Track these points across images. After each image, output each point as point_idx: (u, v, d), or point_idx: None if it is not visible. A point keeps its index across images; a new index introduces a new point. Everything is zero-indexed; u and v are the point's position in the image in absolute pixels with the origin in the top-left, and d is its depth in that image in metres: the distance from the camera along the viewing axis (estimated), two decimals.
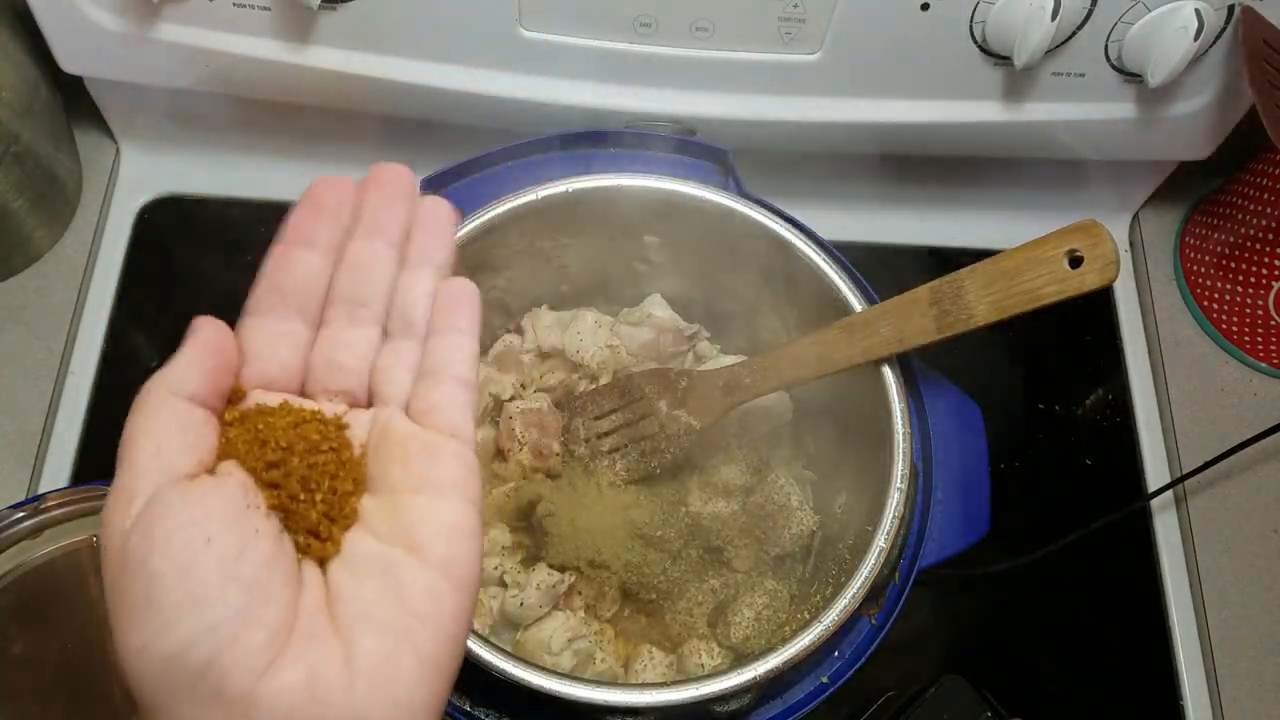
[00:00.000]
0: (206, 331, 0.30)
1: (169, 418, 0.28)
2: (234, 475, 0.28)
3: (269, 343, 0.32)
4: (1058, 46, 0.55)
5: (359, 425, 0.31)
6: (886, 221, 0.71)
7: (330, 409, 0.32)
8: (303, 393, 0.32)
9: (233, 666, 0.25)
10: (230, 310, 0.72)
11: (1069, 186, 0.71)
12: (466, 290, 0.33)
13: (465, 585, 0.29)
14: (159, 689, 0.25)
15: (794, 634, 0.43)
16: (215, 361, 0.30)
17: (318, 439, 0.30)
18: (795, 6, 0.53)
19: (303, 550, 0.29)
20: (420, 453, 0.30)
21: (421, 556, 0.28)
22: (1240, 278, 0.66)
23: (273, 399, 0.31)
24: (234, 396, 0.31)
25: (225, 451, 0.29)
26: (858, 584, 0.44)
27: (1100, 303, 0.71)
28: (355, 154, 0.68)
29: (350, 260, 0.33)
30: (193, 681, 0.25)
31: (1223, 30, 0.54)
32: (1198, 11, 0.51)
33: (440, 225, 0.34)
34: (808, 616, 0.45)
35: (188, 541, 0.26)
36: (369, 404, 0.32)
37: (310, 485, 0.30)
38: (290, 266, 0.32)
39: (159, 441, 0.28)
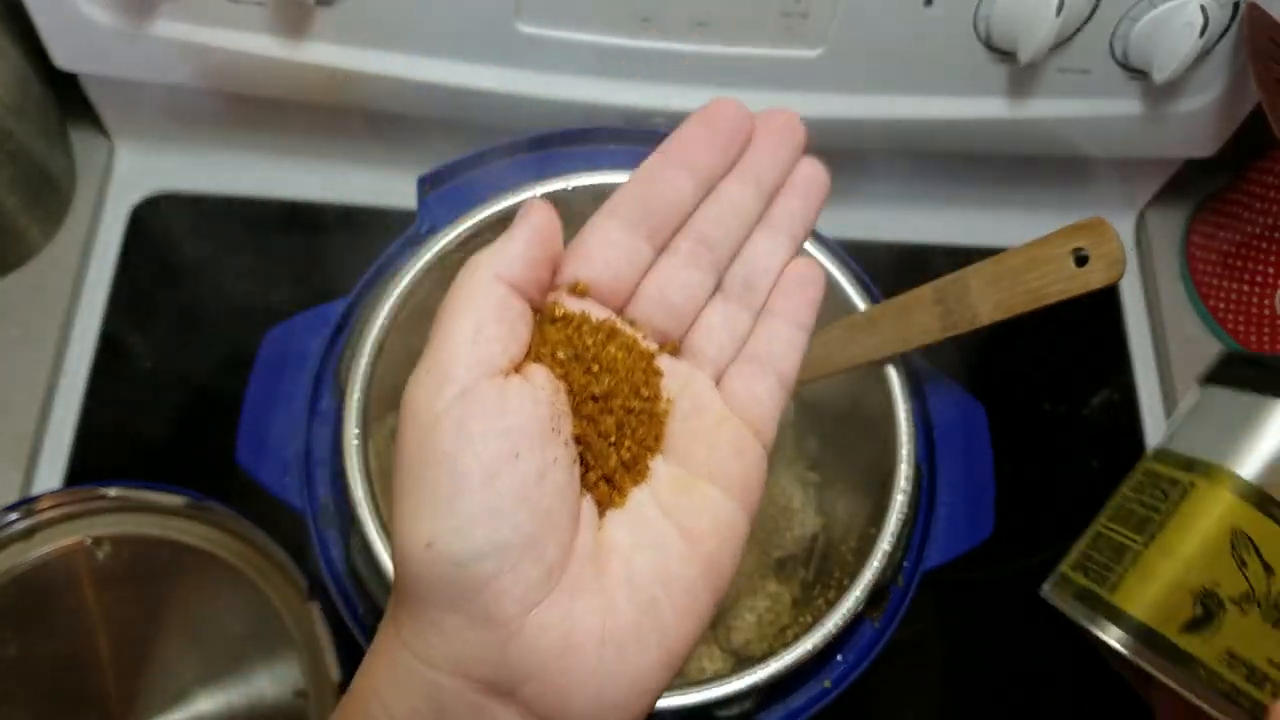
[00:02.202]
0: (537, 216, 0.29)
1: (489, 303, 0.27)
2: (545, 390, 0.27)
3: (612, 249, 0.30)
4: (1062, 43, 0.54)
5: (670, 375, 0.30)
6: (889, 219, 0.71)
7: (644, 343, 0.30)
8: (621, 313, 0.30)
9: (509, 591, 0.25)
10: (227, 309, 0.72)
11: (1073, 184, 0.70)
12: (817, 277, 0.32)
13: (717, 593, 0.28)
14: (433, 589, 0.25)
15: (796, 638, 0.43)
16: (542, 251, 0.28)
17: (638, 381, 0.29)
18: (797, 2, 0.53)
19: (590, 489, 0.28)
20: (731, 443, 0.29)
21: (693, 548, 0.27)
22: (1247, 276, 0.66)
23: (600, 312, 0.29)
24: (574, 290, 0.29)
25: (539, 353, 0.28)
26: (861, 587, 0.44)
27: (1106, 301, 0.71)
28: (352, 150, 0.68)
29: (719, 196, 0.31)
30: (468, 594, 0.25)
31: (1228, 27, 0.54)
32: (1203, 8, 0.51)
33: (814, 193, 0.33)
34: (810, 620, 0.45)
35: (499, 450, 0.25)
36: (678, 349, 0.31)
37: (624, 429, 0.28)
38: (662, 184, 0.30)
39: (478, 327, 0.27)
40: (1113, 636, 0.30)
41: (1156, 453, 0.33)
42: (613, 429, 0.28)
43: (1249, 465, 0.29)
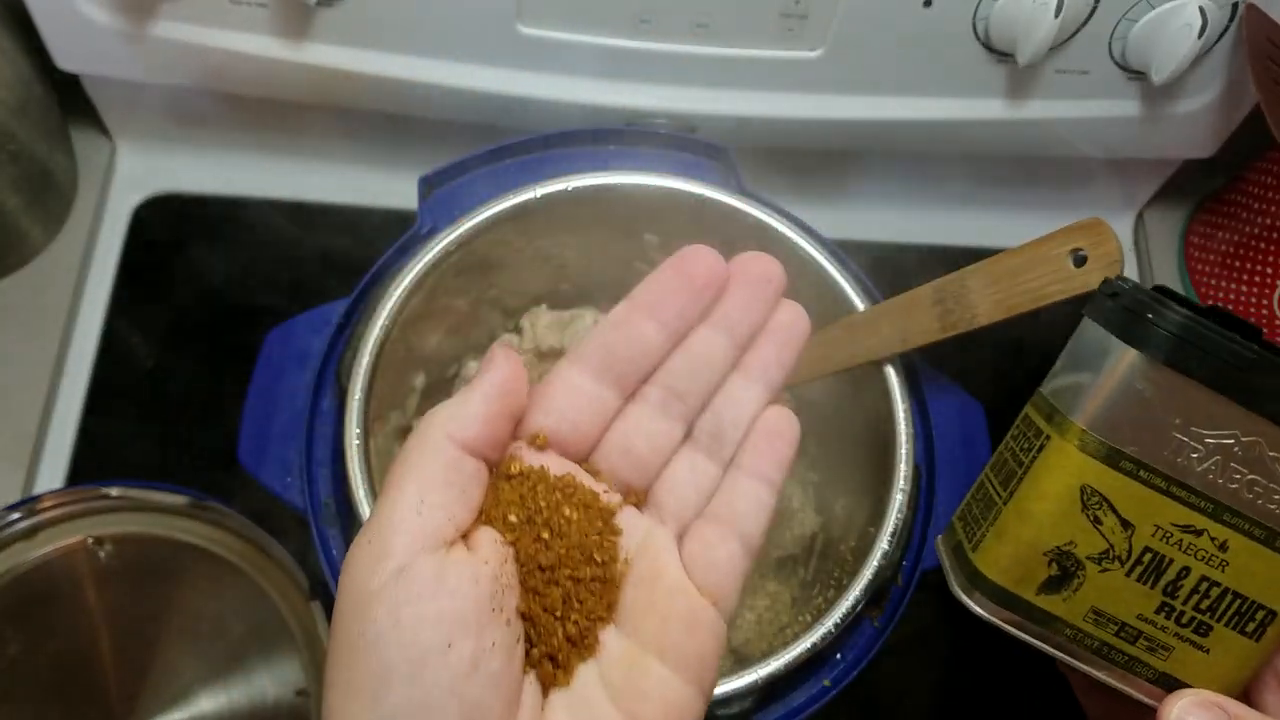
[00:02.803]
0: (501, 370, 0.27)
1: (439, 466, 0.26)
2: (489, 566, 0.25)
3: (575, 397, 0.29)
4: (1061, 44, 0.54)
5: (629, 532, 0.28)
6: (889, 219, 0.71)
7: (605, 498, 0.28)
8: (585, 462, 0.29)
9: None
10: (228, 309, 0.72)
11: (1072, 185, 0.70)
12: (789, 428, 0.31)
13: None
14: None
15: (796, 637, 0.43)
16: (502, 407, 0.27)
17: (591, 545, 0.27)
18: (797, 3, 0.53)
19: (534, 665, 0.26)
20: (683, 617, 0.27)
21: None
22: (1245, 276, 0.66)
23: (558, 467, 0.28)
24: (533, 442, 0.28)
25: (491, 515, 0.27)
26: (860, 586, 0.44)
27: None
28: (353, 152, 0.68)
29: (690, 346, 0.30)
30: None
31: (1226, 28, 0.54)
32: (1201, 9, 0.51)
33: (791, 341, 0.31)
34: (809, 619, 0.45)
35: (430, 642, 0.24)
36: (642, 501, 0.30)
37: (571, 603, 0.26)
38: (630, 332, 0.29)
39: (424, 493, 0.25)
40: (974, 601, 0.30)
41: (1036, 393, 0.32)
42: (559, 602, 0.26)
43: (1096, 418, 0.27)
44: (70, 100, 0.65)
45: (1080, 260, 0.42)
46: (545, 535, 0.26)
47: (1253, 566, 0.28)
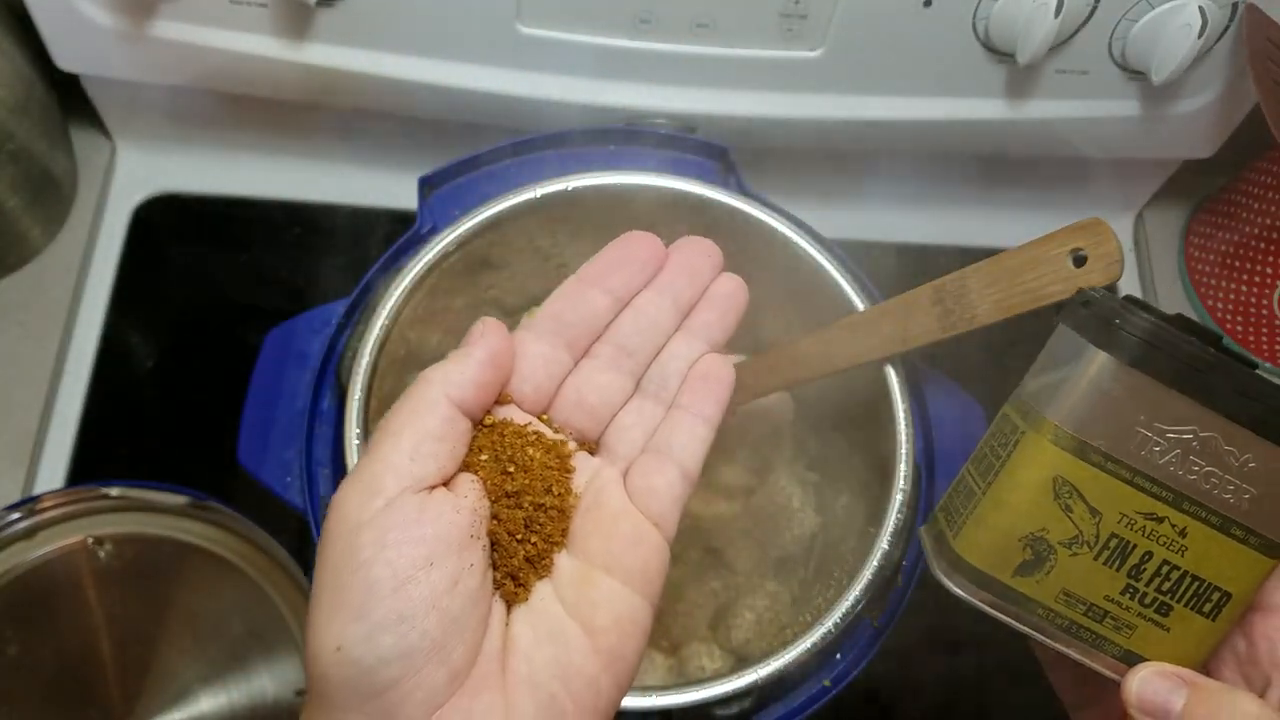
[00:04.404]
0: (494, 341, 0.30)
1: (435, 422, 0.29)
2: (468, 499, 0.29)
3: (530, 361, 0.32)
4: (1061, 44, 0.55)
5: (581, 471, 0.32)
6: (888, 219, 0.71)
7: (562, 444, 0.32)
8: (542, 417, 0.32)
9: (412, 694, 0.26)
10: (228, 309, 0.72)
11: (1072, 185, 0.70)
12: (724, 372, 0.33)
13: (620, 684, 0.29)
14: (340, 690, 0.26)
15: (795, 637, 0.43)
16: (494, 374, 0.30)
17: (551, 479, 0.30)
18: (797, 3, 0.53)
19: (497, 586, 0.29)
20: (627, 534, 0.30)
21: (594, 641, 0.29)
22: (1245, 277, 0.66)
23: (521, 417, 0.31)
24: (499, 399, 0.31)
25: (469, 461, 0.30)
26: (860, 586, 0.44)
27: None
28: (353, 152, 0.68)
29: (635, 307, 0.33)
30: (371, 695, 0.26)
31: (1226, 28, 0.54)
32: (1201, 9, 0.51)
33: (730, 306, 0.34)
34: (809, 619, 0.45)
35: (412, 559, 0.26)
36: (595, 449, 0.33)
37: (532, 526, 0.30)
38: (578, 304, 0.33)
39: (419, 442, 0.28)
40: (955, 583, 0.32)
41: (1014, 394, 0.35)
42: (521, 526, 0.29)
43: (1068, 414, 0.30)
44: (70, 100, 0.65)
45: (1080, 260, 0.42)
46: (510, 469, 0.30)
47: (1210, 551, 0.30)
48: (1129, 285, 0.71)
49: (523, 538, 0.29)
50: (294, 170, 0.68)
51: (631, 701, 0.41)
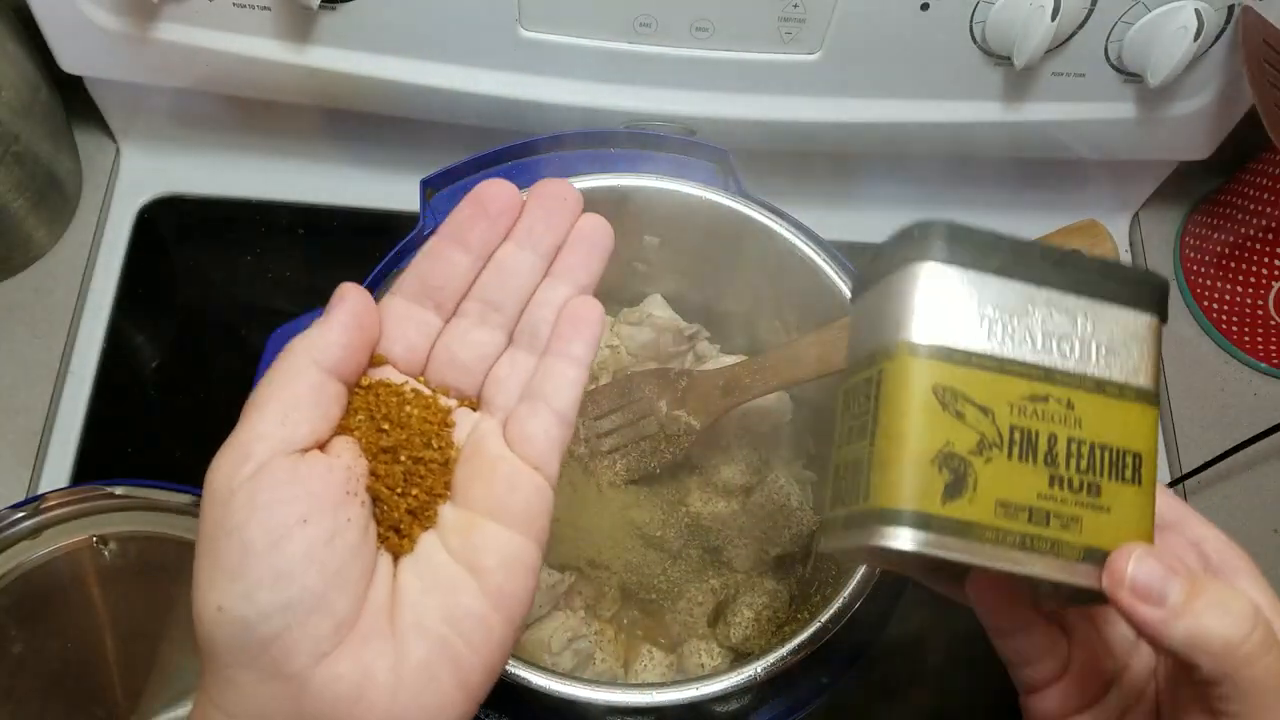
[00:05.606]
0: (354, 302, 0.31)
1: (304, 388, 0.29)
2: (343, 459, 0.29)
3: (400, 324, 0.32)
4: (1058, 46, 0.55)
5: (461, 426, 0.32)
6: (887, 221, 0.70)
7: (441, 401, 0.32)
8: (418, 378, 0.33)
9: (296, 646, 0.27)
10: (232, 310, 0.72)
11: (1069, 186, 0.71)
12: (591, 312, 0.33)
13: (513, 620, 0.30)
14: (226, 649, 0.27)
15: (793, 634, 0.43)
16: (360, 336, 0.31)
17: (430, 433, 0.31)
18: (795, 6, 0.53)
19: (381, 540, 0.30)
20: (505, 479, 0.31)
21: (481, 582, 0.29)
22: (1240, 278, 0.66)
23: (398, 377, 0.32)
24: (371, 362, 0.32)
25: (346, 423, 0.30)
26: (856, 582, 0.44)
27: None
28: (356, 154, 0.68)
29: (497, 262, 0.33)
30: (257, 651, 0.26)
31: (1223, 30, 0.54)
32: (1198, 11, 0.51)
33: (594, 246, 0.34)
34: (807, 616, 0.45)
35: (285, 518, 0.27)
36: (476, 405, 0.33)
37: (411, 479, 0.30)
38: (439, 262, 0.33)
39: (288, 410, 0.28)
40: (895, 540, 0.29)
41: (841, 379, 0.34)
42: (400, 480, 0.30)
43: (914, 328, 0.30)
44: (74, 103, 0.65)
45: None
46: (386, 426, 0.30)
47: (1102, 416, 0.30)
48: None
49: (403, 491, 0.30)
50: (297, 172, 0.68)
51: (631, 698, 0.42)
